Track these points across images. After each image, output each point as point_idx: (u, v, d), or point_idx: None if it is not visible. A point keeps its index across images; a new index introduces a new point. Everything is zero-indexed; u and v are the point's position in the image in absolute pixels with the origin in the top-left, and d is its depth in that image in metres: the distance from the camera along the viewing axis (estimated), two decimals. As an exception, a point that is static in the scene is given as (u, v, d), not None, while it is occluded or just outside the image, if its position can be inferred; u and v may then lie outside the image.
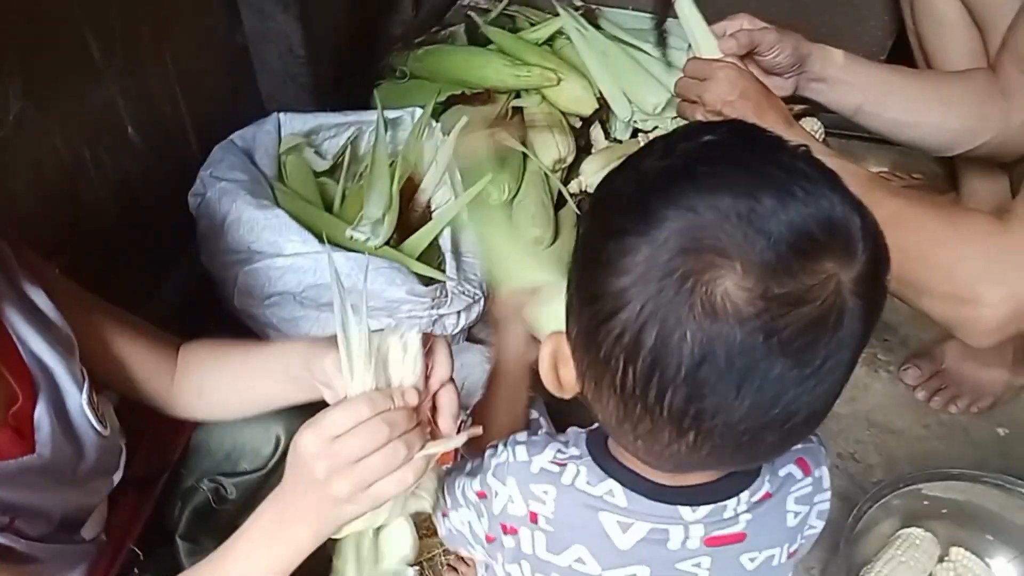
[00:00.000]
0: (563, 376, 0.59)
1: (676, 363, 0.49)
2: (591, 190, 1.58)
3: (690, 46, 1.13)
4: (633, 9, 1.72)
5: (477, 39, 1.70)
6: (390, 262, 1.05)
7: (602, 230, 0.53)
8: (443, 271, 1.12)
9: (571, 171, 1.60)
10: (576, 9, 1.69)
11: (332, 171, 1.27)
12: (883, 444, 1.32)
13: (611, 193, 0.55)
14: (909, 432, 1.34)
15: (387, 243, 1.15)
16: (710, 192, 0.49)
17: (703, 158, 0.52)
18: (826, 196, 0.50)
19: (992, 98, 1.16)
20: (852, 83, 1.14)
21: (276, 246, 1.01)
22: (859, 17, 1.56)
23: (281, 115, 1.23)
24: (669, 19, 1.64)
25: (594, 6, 1.72)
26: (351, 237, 1.10)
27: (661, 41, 1.37)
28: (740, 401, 0.49)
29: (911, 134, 1.22)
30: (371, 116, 1.28)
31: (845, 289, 0.49)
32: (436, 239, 1.16)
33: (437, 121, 1.53)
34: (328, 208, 1.23)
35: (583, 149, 1.65)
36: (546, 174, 1.52)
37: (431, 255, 1.16)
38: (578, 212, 1.54)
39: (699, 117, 1.06)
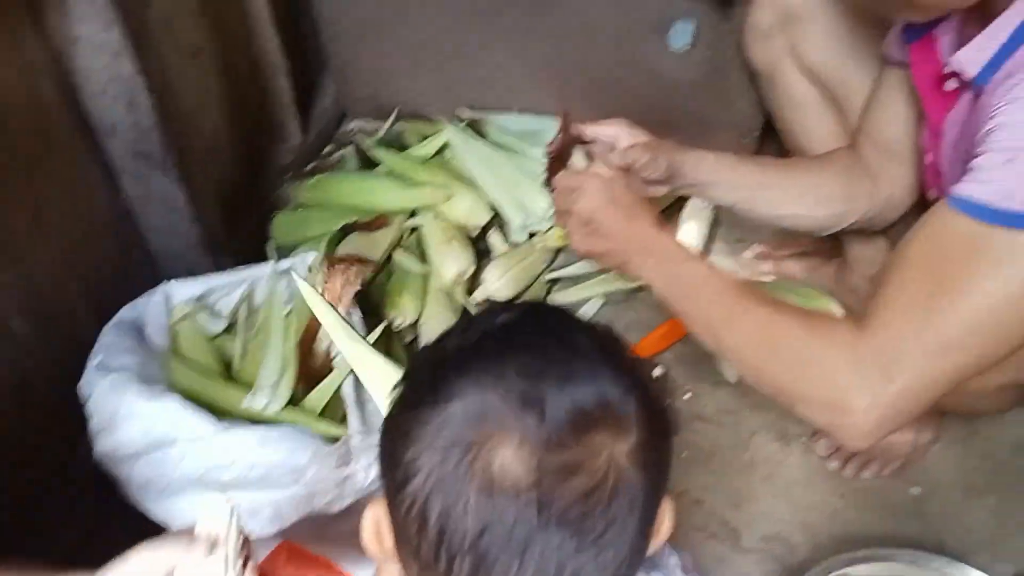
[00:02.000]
0: (385, 543, 0.62)
1: (461, 533, 0.53)
2: (497, 296, 1.61)
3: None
4: (519, 111, 1.77)
5: (368, 159, 1.72)
6: (291, 427, 1.05)
7: (403, 401, 0.58)
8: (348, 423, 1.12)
9: (475, 279, 1.62)
10: (461, 120, 1.73)
11: (230, 328, 1.27)
12: (804, 520, 1.36)
13: (415, 367, 0.61)
14: (827, 504, 1.37)
15: (290, 401, 1.15)
16: (496, 370, 0.54)
17: (495, 337, 0.57)
18: (604, 377, 0.55)
19: (857, 179, 1.22)
20: (722, 185, 1.19)
21: (171, 434, 1.00)
22: (728, 100, 1.62)
23: (170, 284, 1.23)
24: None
25: (481, 114, 1.76)
26: (249, 407, 1.10)
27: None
28: (523, 571, 0.52)
29: (785, 224, 1.28)
30: (263, 270, 1.29)
31: (620, 460, 0.54)
32: (339, 388, 1.17)
33: (334, 251, 1.55)
34: (229, 367, 1.22)
35: (485, 253, 1.67)
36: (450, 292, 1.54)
37: (335, 406, 1.16)
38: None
39: (572, 226, 1.09)
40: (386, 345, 1.49)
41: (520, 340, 0.57)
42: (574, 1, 1.53)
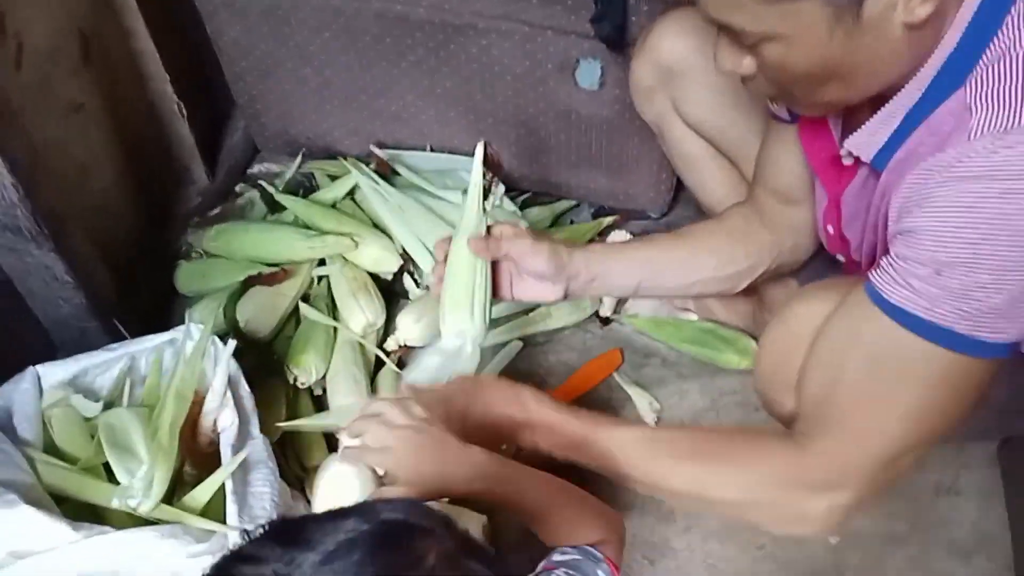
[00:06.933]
0: None
1: None
2: (410, 343, 1.56)
3: None
4: (431, 148, 1.71)
5: (275, 203, 1.66)
6: (162, 528, 1.00)
7: None
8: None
9: (388, 326, 1.57)
10: (370, 161, 1.67)
11: (112, 405, 1.21)
12: (722, 573, 1.33)
13: None
14: (744, 556, 1.34)
15: (172, 490, 1.10)
16: None
17: None
18: None
19: (756, 232, 1.19)
20: (621, 269, 1.15)
21: (24, 546, 0.95)
22: (645, 138, 1.56)
23: (40, 368, 1.17)
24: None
25: (393, 151, 1.70)
26: (119, 506, 1.04)
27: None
28: None
29: (695, 290, 1.24)
30: (143, 344, 1.23)
31: None
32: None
33: (235, 305, 1.49)
34: (111, 450, 1.17)
35: (403, 294, 1.62)
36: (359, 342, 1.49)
37: (217, 495, 1.11)
38: (398, 370, 1.51)
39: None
40: (293, 402, 1.45)
41: None
42: (476, 41, 1.47)
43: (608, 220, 1.69)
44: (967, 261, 0.75)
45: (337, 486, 1.24)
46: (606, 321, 1.60)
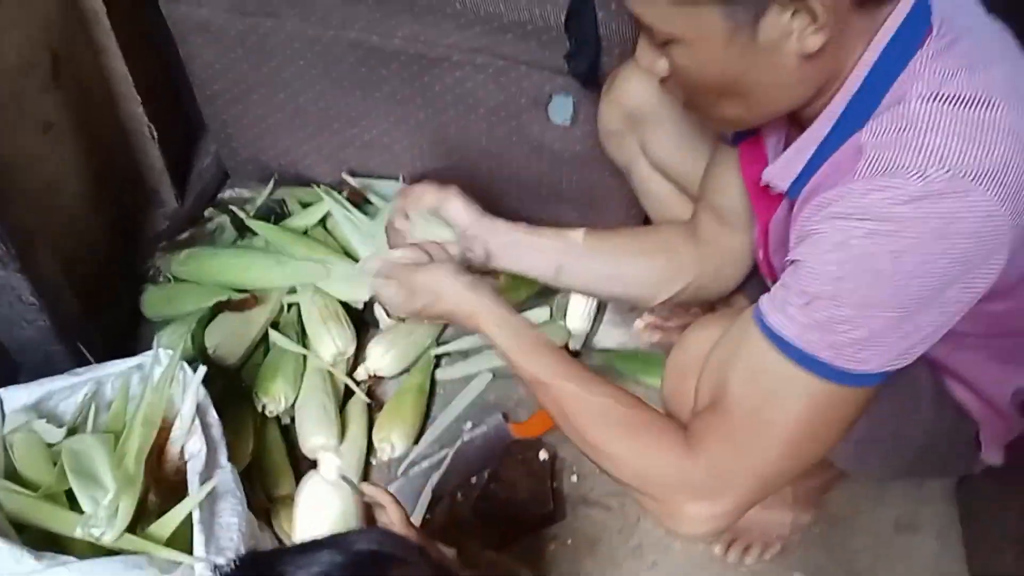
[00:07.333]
0: None
1: None
2: (380, 373, 1.55)
3: None
4: (404, 178, 1.71)
5: (246, 229, 1.65)
6: (127, 558, 0.98)
7: None
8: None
9: (359, 355, 1.56)
10: (342, 190, 1.67)
11: (76, 430, 1.19)
12: (688, 609, 1.34)
13: None
14: (711, 590, 1.36)
15: (137, 518, 1.08)
16: None
17: None
18: None
19: (685, 244, 1.21)
20: (545, 244, 1.17)
21: (-14, 576, 0.93)
22: (615, 172, 1.58)
23: (1, 392, 1.14)
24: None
25: (365, 180, 1.70)
26: (82, 535, 1.02)
27: None
28: None
29: (611, 288, 1.25)
30: (108, 369, 1.21)
31: None
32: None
33: (204, 331, 1.48)
34: (73, 476, 1.14)
35: (372, 324, 1.62)
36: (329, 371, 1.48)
37: (183, 524, 1.09)
38: (369, 401, 1.51)
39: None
40: (260, 430, 1.43)
41: None
42: (450, 73, 1.49)
43: (578, 253, 1.71)
44: (831, 296, 0.79)
45: (319, 500, 1.31)
46: (575, 355, 1.61)
